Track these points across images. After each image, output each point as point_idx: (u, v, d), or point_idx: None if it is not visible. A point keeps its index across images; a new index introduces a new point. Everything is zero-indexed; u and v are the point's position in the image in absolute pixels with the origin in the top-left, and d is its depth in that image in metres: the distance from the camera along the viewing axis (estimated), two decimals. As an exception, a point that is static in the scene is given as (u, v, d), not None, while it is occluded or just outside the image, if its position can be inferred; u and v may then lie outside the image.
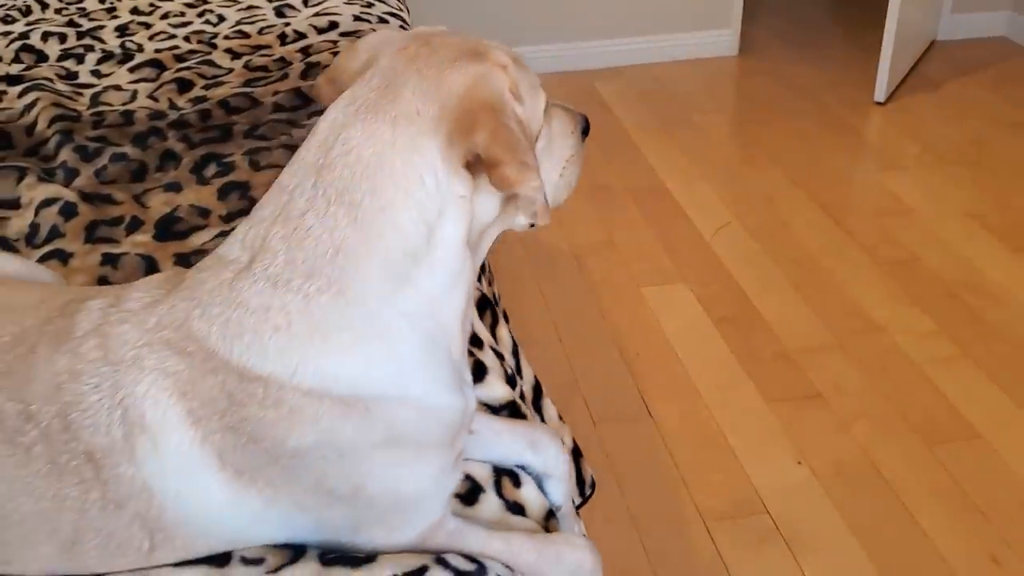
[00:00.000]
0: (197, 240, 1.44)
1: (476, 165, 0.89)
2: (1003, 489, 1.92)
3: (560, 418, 1.45)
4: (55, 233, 1.46)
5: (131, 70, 2.00)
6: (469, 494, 1.09)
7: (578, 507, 1.32)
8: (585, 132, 1.12)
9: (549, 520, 1.14)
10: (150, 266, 1.38)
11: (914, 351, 2.32)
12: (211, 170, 1.60)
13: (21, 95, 1.86)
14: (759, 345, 2.38)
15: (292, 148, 1.64)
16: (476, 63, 0.92)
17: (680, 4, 4.10)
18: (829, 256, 2.72)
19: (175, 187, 1.57)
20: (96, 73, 2.01)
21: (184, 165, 1.63)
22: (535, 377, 1.46)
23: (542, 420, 1.42)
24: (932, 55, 4.16)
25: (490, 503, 1.10)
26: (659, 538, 1.86)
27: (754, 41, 4.34)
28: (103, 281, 1.36)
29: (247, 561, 0.92)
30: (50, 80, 1.95)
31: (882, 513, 1.88)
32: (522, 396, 1.37)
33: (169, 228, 1.47)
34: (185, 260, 1.39)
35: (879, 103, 3.70)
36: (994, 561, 1.76)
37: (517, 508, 1.11)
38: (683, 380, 2.27)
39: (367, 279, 0.86)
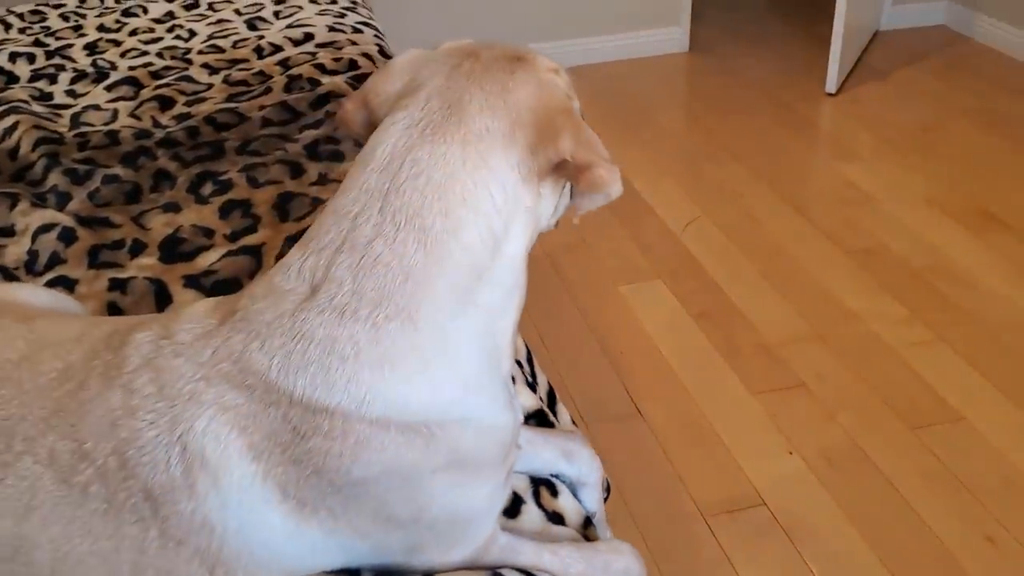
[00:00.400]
0: (204, 261, 1.42)
1: (554, 172, 0.90)
2: (990, 469, 1.98)
3: (573, 422, 1.47)
4: (56, 260, 1.44)
5: (107, 88, 1.97)
6: (511, 506, 1.10)
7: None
8: None
9: (587, 528, 1.15)
10: (160, 290, 1.36)
11: (890, 337, 2.38)
12: (208, 188, 1.59)
13: (-2, 119, 1.82)
14: (739, 338, 2.42)
15: (288, 163, 1.64)
16: (532, 72, 0.93)
17: (629, 3, 4.13)
18: (797, 247, 2.77)
19: (174, 207, 1.55)
20: (71, 93, 1.97)
21: (180, 184, 1.61)
22: (548, 383, 1.47)
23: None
24: (876, 45, 4.25)
25: (531, 514, 1.11)
26: (660, 536, 1.88)
27: (703, 38, 4.39)
28: (113, 307, 1.34)
29: (304, 588, 0.92)
30: (25, 102, 1.91)
31: (876, 499, 1.92)
32: (540, 401, 1.38)
33: (174, 250, 1.45)
34: (195, 282, 1.37)
35: (830, 94, 3.77)
36: (989, 540, 1.81)
37: (557, 518, 1.13)
38: (669, 376, 2.30)
39: (435, 303, 0.86)
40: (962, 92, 3.74)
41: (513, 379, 1.27)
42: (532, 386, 1.34)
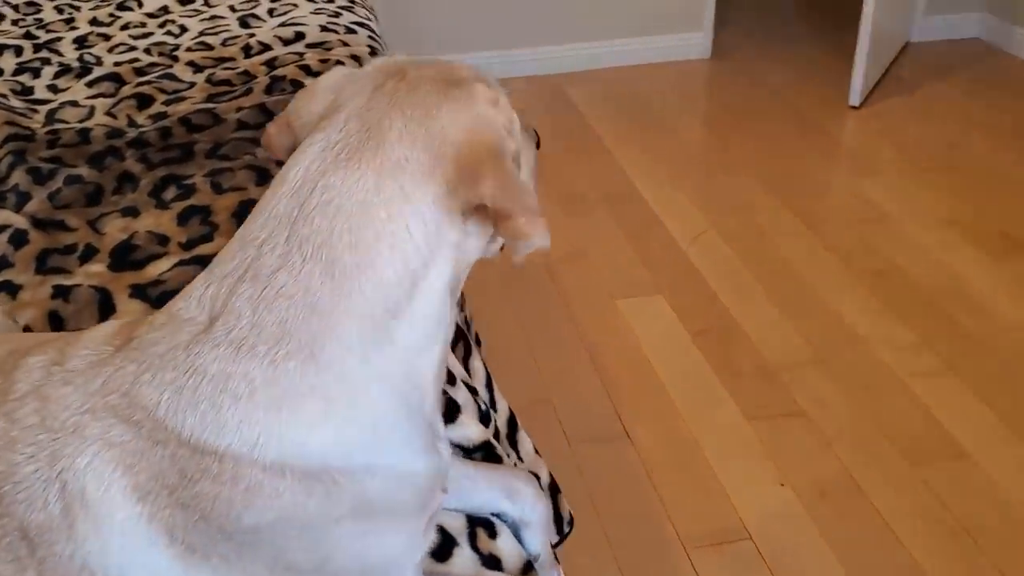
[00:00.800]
0: (154, 270, 1.36)
1: (476, 214, 0.83)
2: (992, 511, 1.88)
3: (536, 452, 1.40)
4: (4, 263, 1.38)
5: (89, 85, 1.92)
6: (441, 549, 1.03)
7: (555, 546, 1.27)
8: (537, 144, 1.07)
9: (527, 573, 1.08)
10: (104, 299, 1.30)
11: (897, 365, 2.28)
12: (171, 193, 1.53)
13: (-29, 113, 1.78)
14: (739, 360, 2.33)
15: (256, 169, 1.58)
16: (465, 101, 0.86)
17: (652, 7, 4.05)
18: (807, 265, 2.68)
19: (132, 212, 1.49)
20: (52, 88, 1.92)
21: (142, 188, 1.55)
22: (510, 409, 1.40)
23: (517, 455, 1.36)
24: (906, 57, 4.13)
25: (464, 558, 1.04)
26: (637, 565, 1.80)
27: (726, 44, 4.30)
28: (54, 315, 1.28)
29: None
30: (4, 96, 1.86)
31: (868, 538, 1.83)
32: (496, 431, 1.31)
33: (125, 257, 1.39)
34: (141, 292, 1.31)
35: (853, 107, 3.67)
36: (983, 589, 1.72)
37: (493, 562, 1.06)
38: (661, 397, 2.22)
39: (342, 341, 0.79)
40: (992, 109, 3.62)
41: (459, 410, 1.20)
42: (486, 416, 1.26)
